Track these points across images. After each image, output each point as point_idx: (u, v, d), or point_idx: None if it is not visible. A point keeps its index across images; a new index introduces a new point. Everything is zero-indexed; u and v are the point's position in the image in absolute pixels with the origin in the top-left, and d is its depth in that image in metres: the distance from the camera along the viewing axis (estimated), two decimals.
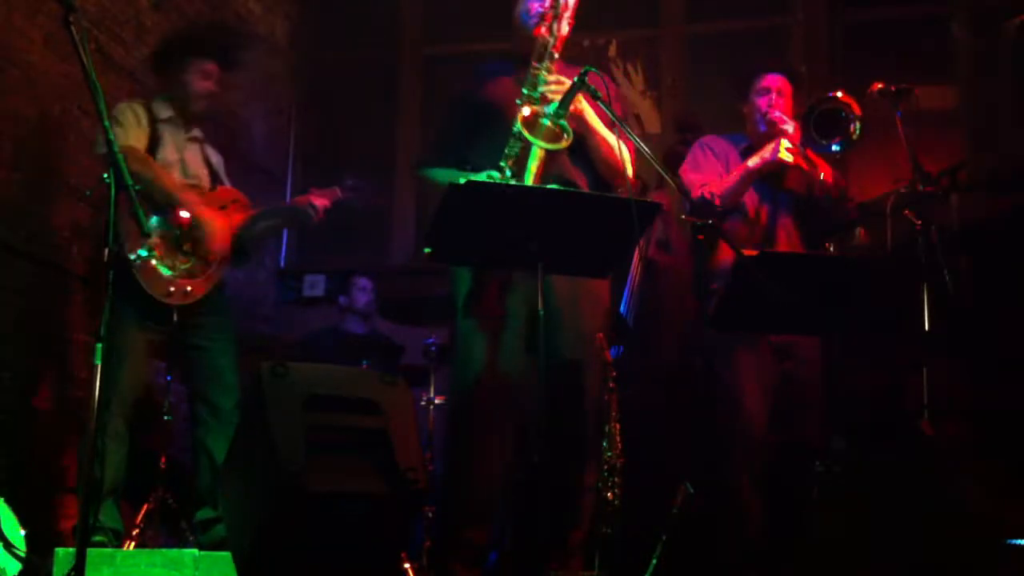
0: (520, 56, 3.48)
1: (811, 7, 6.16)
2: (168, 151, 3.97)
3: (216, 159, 4.19)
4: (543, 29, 3.38)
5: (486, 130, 3.40)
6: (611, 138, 3.41)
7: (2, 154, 4.21)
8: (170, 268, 3.80)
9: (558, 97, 3.18)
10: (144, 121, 3.93)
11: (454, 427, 3.36)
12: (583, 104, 3.30)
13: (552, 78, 3.29)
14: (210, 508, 3.82)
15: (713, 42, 6.37)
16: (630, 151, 3.44)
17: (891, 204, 4.04)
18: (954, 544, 3.12)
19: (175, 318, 3.82)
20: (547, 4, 3.38)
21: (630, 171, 3.46)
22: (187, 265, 3.84)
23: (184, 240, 3.85)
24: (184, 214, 3.82)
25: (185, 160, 4.02)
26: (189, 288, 3.83)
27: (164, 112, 4.00)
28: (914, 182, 3.90)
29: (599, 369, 3.43)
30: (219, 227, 3.90)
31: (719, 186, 3.88)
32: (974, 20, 5.60)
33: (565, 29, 3.36)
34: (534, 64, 3.31)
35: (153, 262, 3.75)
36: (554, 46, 3.32)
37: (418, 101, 6.67)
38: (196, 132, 4.11)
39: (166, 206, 3.81)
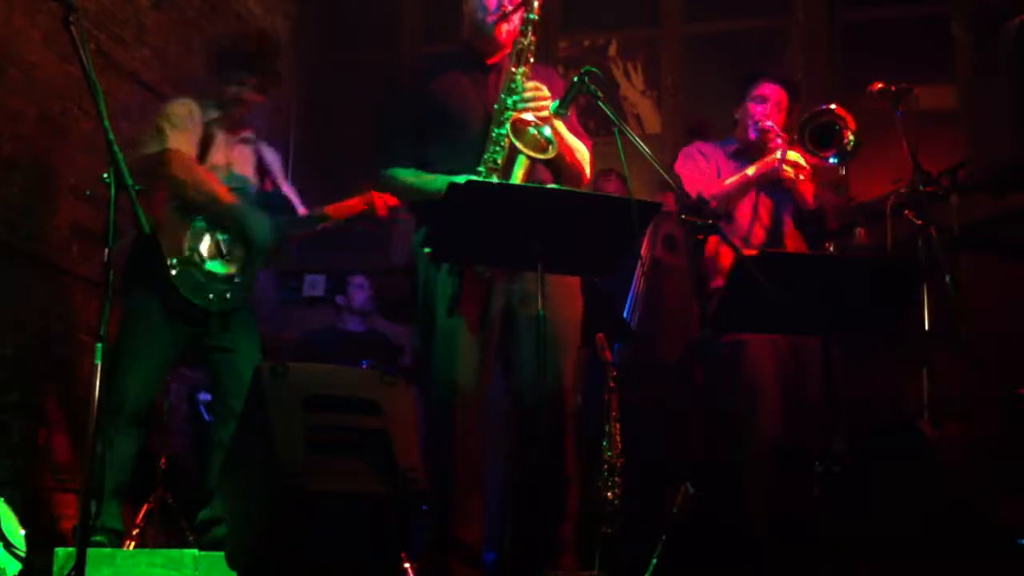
0: (475, 52, 3.44)
1: (811, 7, 6.16)
2: (217, 155, 3.90)
3: (271, 156, 4.11)
4: (505, 28, 3.34)
5: (443, 130, 3.34)
6: (574, 143, 3.39)
7: (2, 154, 4.21)
8: (207, 275, 3.76)
9: (539, 106, 3.18)
10: (198, 119, 3.86)
11: (437, 429, 3.33)
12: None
13: (531, 85, 3.25)
14: (209, 509, 3.81)
15: (713, 42, 6.37)
16: (588, 150, 3.45)
17: (891, 204, 4.04)
18: (954, 544, 3.12)
19: (210, 321, 3.79)
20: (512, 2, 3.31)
21: (588, 172, 3.47)
22: (229, 270, 3.81)
23: (228, 244, 3.82)
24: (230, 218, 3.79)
25: (232, 164, 3.95)
26: (228, 295, 3.81)
27: (212, 113, 3.94)
28: (914, 182, 3.90)
29: (577, 363, 3.42)
30: (262, 230, 3.83)
31: (716, 188, 3.92)
32: (974, 20, 5.59)
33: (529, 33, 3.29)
34: (511, 69, 3.27)
35: (193, 268, 3.72)
36: (530, 50, 3.27)
37: None
38: (247, 134, 4.04)
39: (210, 210, 3.78)
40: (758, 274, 2.92)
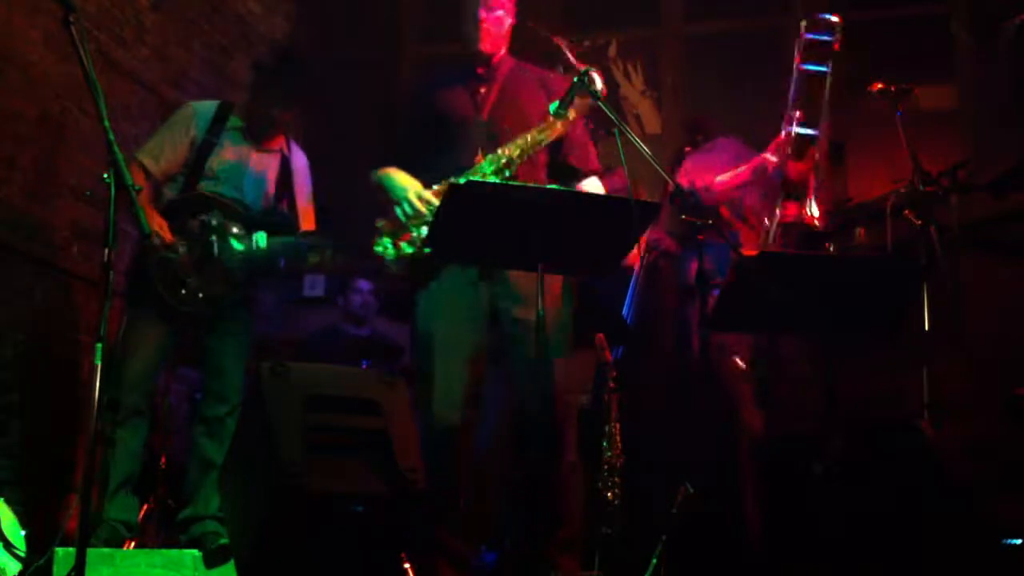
0: (467, 60, 3.52)
1: (811, 7, 6.15)
2: (226, 154, 3.94)
3: (299, 167, 4.15)
4: (487, 45, 3.44)
5: (441, 142, 3.43)
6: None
7: (2, 154, 4.21)
8: (184, 276, 3.80)
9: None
10: (193, 128, 3.91)
11: (427, 438, 3.32)
12: None
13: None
14: (190, 507, 3.82)
15: (713, 42, 6.37)
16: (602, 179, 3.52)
17: (891, 204, 4.04)
18: (954, 544, 3.13)
19: (188, 321, 3.83)
20: (491, 20, 3.42)
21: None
22: (198, 278, 3.83)
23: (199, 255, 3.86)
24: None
25: (242, 162, 3.97)
26: (201, 295, 3.83)
27: (236, 123, 3.99)
28: (914, 182, 3.90)
29: (565, 366, 3.41)
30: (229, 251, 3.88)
31: (710, 181, 3.95)
32: (974, 20, 5.60)
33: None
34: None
35: (172, 268, 3.76)
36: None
37: None
38: (273, 146, 4.08)
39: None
40: (758, 274, 2.92)
